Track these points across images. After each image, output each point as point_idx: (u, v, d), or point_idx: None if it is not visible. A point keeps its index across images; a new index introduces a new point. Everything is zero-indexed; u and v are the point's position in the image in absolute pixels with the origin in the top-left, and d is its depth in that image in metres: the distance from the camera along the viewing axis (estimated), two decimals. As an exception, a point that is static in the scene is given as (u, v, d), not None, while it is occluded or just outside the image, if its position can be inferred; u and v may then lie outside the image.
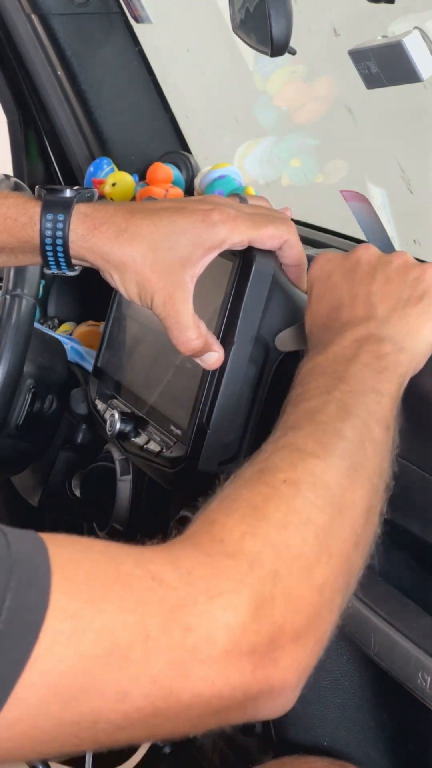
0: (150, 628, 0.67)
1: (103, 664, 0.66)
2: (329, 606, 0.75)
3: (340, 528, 0.77)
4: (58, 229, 1.02)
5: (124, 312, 1.31)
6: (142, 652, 0.67)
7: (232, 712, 0.72)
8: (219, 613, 0.69)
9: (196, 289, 1.01)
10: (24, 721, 0.65)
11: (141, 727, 0.69)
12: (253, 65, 2.26)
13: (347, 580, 0.78)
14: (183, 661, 0.68)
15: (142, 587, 0.69)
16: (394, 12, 1.31)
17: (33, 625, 0.65)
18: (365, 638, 0.94)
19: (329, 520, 0.76)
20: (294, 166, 2.20)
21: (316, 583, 0.74)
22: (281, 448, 0.81)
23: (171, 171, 1.70)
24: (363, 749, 1.11)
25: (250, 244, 1.03)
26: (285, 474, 0.78)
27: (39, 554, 0.68)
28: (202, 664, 0.68)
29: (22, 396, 1.41)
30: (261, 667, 0.71)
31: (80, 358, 1.58)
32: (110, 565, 0.70)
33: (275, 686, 0.72)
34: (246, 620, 0.70)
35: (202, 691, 0.69)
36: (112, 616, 0.67)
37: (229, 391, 1.06)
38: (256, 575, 0.71)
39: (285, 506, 0.76)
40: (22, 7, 1.72)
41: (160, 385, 1.19)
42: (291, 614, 0.72)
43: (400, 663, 0.90)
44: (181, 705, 0.69)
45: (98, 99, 1.76)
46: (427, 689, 0.87)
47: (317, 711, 1.11)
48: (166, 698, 0.68)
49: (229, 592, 0.70)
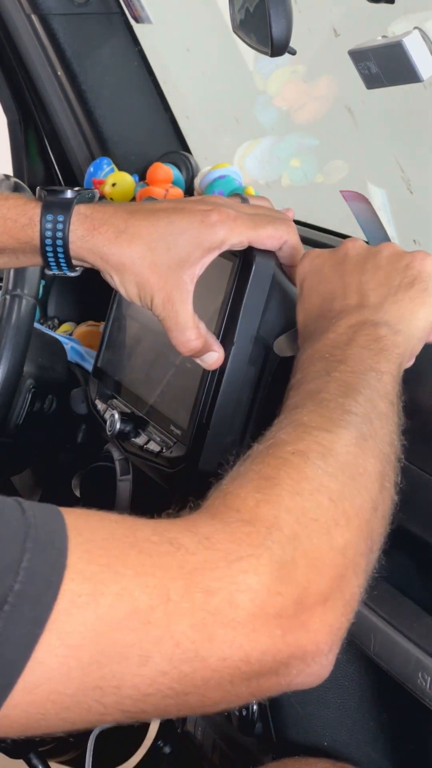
0: (171, 591, 0.67)
1: (123, 626, 0.66)
2: (353, 568, 0.75)
3: (355, 493, 0.77)
4: (58, 230, 1.02)
5: (124, 312, 1.31)
6: (163, 614, 0.67)
7: (264, 679, 0.71)
8: (240, 576, 0.69)
9: (196, 289, 1.01)
10: (45, 685, 0.65)
11: (168, 694, 0.68)
12: (253, 65, 2.26)
13: (369, 545, 0.77)
14: (206, 624, 0.68)
15: (161, 552, 0.69)
16: (394, 12, 1.31)
17: (51, 586, 0.65)
18: (365, 638, 0.94)
19: (342, 486, 0.76)
20: (294, 166, 2.19)
21: (337, 545, 0.74)
22: (286, 425, 0.81)
23: (171, 171, 1.70)
24: (363, 749, 1.11)
25: (249, 245, 1.03)
26: (293, 446, 0.78)
27: (55, 520, 0.68)
28: (227, 627, 0.68)
29: (22, 396, 1.41)
30: (290, 630, 0.70)
31: (80, 358, 1.58)
32: (127, 531, 0.70)
33: (307, 650, 0.72)
34: (268, 582, 0.69)
35: (229, 654, 0.68)
36: (131, 579, 0.67)
37: (229, 391, 1.06)
38: (274, 538, 0.71)
39: (296, 474, 0.76)
40: (22, 7, 1.72)
41: (160, 385, 1.19)
42: (314, 576, 0.72)
43: (400, 663, 0.90)
44: (208, 669, 0.68)
45: (98, 99, 1.76)
46: (427, 689, 0.87)
47: (317, 711, 1.11)
48: (191, 662, 0.68)
49: (249, 556, 0.70)
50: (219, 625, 0.68)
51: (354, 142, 2.16)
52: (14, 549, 0.65)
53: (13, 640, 0.63)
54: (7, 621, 0.63)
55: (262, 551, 0.70)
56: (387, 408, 0.84)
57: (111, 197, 1.69)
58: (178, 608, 0.67)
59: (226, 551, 0.70)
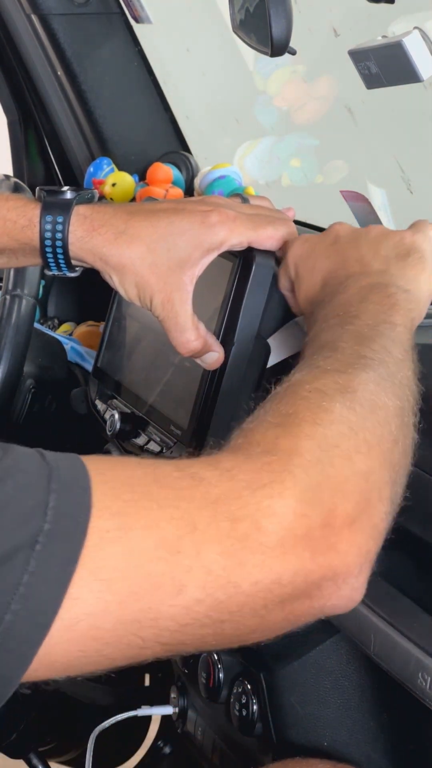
0: (197, 521, 0.68)
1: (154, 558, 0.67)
2: (378, 493, 0.76)
3: (374, 425, 0.78)
4: (58, 231, 1.02)
5: (124, 312, 1.31)
6: (191, 543, 0.68)
7: (298, 603, 0.72)
8: (265, 502, 0.70)
9: (197, 289, 1.01)
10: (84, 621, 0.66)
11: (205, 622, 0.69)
12: (253, 65, 2.26)
13: (392, 475, 0.78)
14: (235, 550, 0.69)
15: (183, 485, 0.70)
16: (394, 12, 1.31)
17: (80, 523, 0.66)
18: (365, 638, 0.94)
19: (361, 418, 0.77)
20: (294, 166, 2.20)
21: (359, 470, 0.75)
22: (303, 368, 0.82)
23: (171, 171, 1.70)
24: (363, 749, 1.11)
25: (249, 245, 1.03)
26: (310, 385, 0.79)
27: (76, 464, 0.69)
28: (256, 551, 0.69)
29: (22, 396, 1.41)
30: (319, 552, 0.71)
31: (80, 358, 1.58)
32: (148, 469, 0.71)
33: (338, 571, 0.72)
34: (294, 505, 0.70)
35: (261, 578, 0.69)
36: (156, 512, 0.68)
37: (229, 391, 1.06)
38: (296, 463, 0.72)
39: (316, 407, 0.77)
40: (22, 7, 1.72)
41: (160, 385, 1.19)
42: (340, 499, 0.73)
43: (400, 663, 0.90)
44: (242, 594, 0.69)
45: (98, 99, 1.76)
46: (427, 689, 0.87)
47: (317, 711, 1.11)
48: (225, 588, 0.68)
49: (272, 482, 0.71)
50: (248, 551, 0.69)
51: (354, 142, 2.16)
52: (40, 491, 0.66)
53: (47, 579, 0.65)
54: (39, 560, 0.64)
55: (285, 476, 0.71)
56: (402, 354, 0.85)
57: (111, 197, 1.69)
58: (205, 537, 0.68)
59: (248, 480, 0.71)
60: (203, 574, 0.68)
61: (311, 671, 1.10)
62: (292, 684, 1.11)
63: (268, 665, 1.11)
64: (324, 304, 0.92)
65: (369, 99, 1.96)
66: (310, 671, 1.10)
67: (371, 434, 0.77)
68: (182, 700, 1.31)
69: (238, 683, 1.14)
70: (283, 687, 1.11)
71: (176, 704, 1.31)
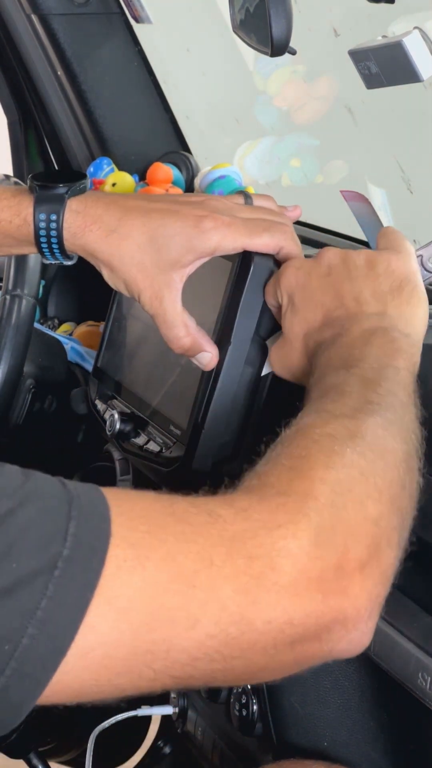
0: (213, 557, 0.69)
1: (169, 590, 0.67)
2: (387, 538, 0.76)
3: (384, 470, 0.78)
4: (52, 228, 1.03)
5: (124, 312, 1.31)
6: (207, 578, 0.68)
7: (307, 644, 0.73)
8: (280, 542, 0.70)
9: (195, 289, 1.01)
10: (98, 650, 0.66)
11: (216, 658, 0.69)
12: (253, 65, 2.27)
13: (400, 520, 0.79)
14: (250, 588, 0.69)
15: (200, 521, 0.70)
16: (394, 12, 1.31)
17: (98, 551, 0.66)
18: (365, 638, 0.94)
19: (371, 463, 0.78)
20: (294, 166, 2.20)
21: (371, 516, 0.75)
22: (311, 413, 0.83)
23: (171, 171, 1.70)
24: (363, 750, 1.11)
25: (245, 250, 1.03)
26: (320, 429, 0.79)
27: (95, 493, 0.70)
28: (270, 590, 0.70)
29: (22, 396, 1.41)
30: (331, 594, 0.72)
31: (80, 358, 1.58)
32: (165, 503, 0.72)
33: (348, 615, 0.73)
34: (308, 547, 0.71)
35: (274, 617, 0.70)
36: (173, 545, 0.68)
37: (225, 390, 1.06)
38: (311, 506, 0.73)
39: (328, 451, 0.77)
40: (22, 7, 1.72)
41: (160, 385, 1.19)
42: (352, 543, 0.73)
43: (400, 663, 0.90)
44: (254, 632, 0.70)
45: (98, 99, 1.76)
46: (427, 689, 0.87)
47: (317, 711, 1.11)
48: (238, 624, 0.69)
49: (288, 523, 0.71)
50: (262, 589, 0.69)
51: (354, 142, 2.16)
52: (61, 517, 0.67)
53: (65, 605, 0.65)
54: (58, 586, 0.65)
55: (300, 518, 0.72)
56: (407, 398, 0.86)
57: (111, 197, 1.69)
58: (221, 573, 0.69)
59: (264, 520, 0.71)
60: (217, 609, 0.69)
61: (311, 671, 1.10)
62: (292, 684, 1.11)
63: (268, 665, 1.11)
64: (327, 345, 0.92)
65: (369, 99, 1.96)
66: (310, 671, 1.10)
67: (381, 479, 0.78)
68: (182, 700, 1.31)
69: (238, 683, 1.14)
70: (283, 687, 1.11)
71: (176, 704, 1.31)
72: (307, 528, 0.72)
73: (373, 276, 0.95)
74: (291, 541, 0.71)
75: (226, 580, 0.69)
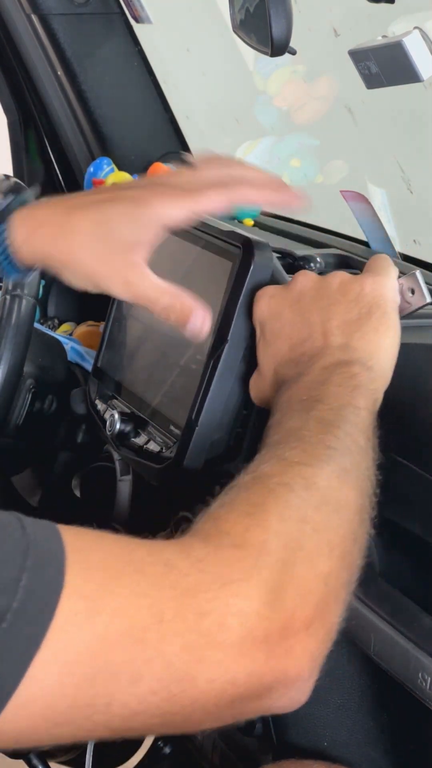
0: (164, 612, 0.68)
1: (117, 645, 0.67)
2: (335, 596, 0.76)
3: (338, 524, 0.78)
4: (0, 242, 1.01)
5: (124, 312, 1.31)
6: (156, 634, 0.68)
7: (247, 702, 0.73)
8: (231, 599, 0.70)
9: (195, 288, 1.01)
10: (39, 701, 0.66)
11: (156, 713, 0.69)
12: (253, 65, 2.27)
13: (348, 576, 0.79)
14: (197, 646, 0.69)
15: (156, 572, 0.70)
16: (394, 12, 1.31)
17: (48, 604, 0.66)
18: (365, 638, 0.94)
19: (326, 517, 0.78)
20: (294, 166, 2.20)
21: (321, 574, 0.75)
22: (269, 459, 0.82)
23: (171, 171, 1.70)
24: (363, 750, 1.11)
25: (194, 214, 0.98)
26: (277, 478, 0.79)
27: (54, 539, 0.69)
28: (217, 649, 0.69)
29: (22, 396, 1.41)
30: (275, 655, 0.71)
31: (80, 358, 1.58)
32: (123, 551, 0.71)
33: (290, 676, 0.73)
34: (258, 607, 0.71)
35: (217, 676, 0.70)
36: (126, 599, 0.68)
37: (219, 388, 1.06)
38: (264, 563, 0.73)
39: (283, 502, 0.77)
40: (22, 7, 1.72)
41: (160, 385, 1.19)
42: (300, 602, 0.73)
43: (400, 663, 0.90)
44: (195, 690, 0.69)
45: (98, 99, 1.76)
46: (427, 689, 0.87)
47: (317, 711, 1.11)
48: (181, 682, 0.68)
49: (240, 580, 0.71)
50: (209, 648, 0.69)
51: (354, 142, 2.17)
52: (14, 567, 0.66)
53: (9, 658, 0.64)
54: (4, 638, 0.64)
55: (253, 574, 0.72)
56: (365, 443, 0.85)
57: (111, 197, 1.69)
58: (170, 629, 0.68)
59: (218, 574, 0.71)
60: (162, 666, 0.68)
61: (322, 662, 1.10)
62: (292, 684, 1.11)
63: (268, 665, 1.11)
64: (290, 384, 0.92)
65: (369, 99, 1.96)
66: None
67: (334, 534, 0.78)
68: (182, 700, 1.31)
69: (238, 683, 1.14)
70: (283, 687, 1.11)
71: (176, 704, 1.31)
72: (259, 586, 0.71)
73: (344, 302, 0.94)
74: (242, 600, 0.70)
75: (174, 637, 0.68)
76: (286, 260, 1.34)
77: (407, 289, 0.96)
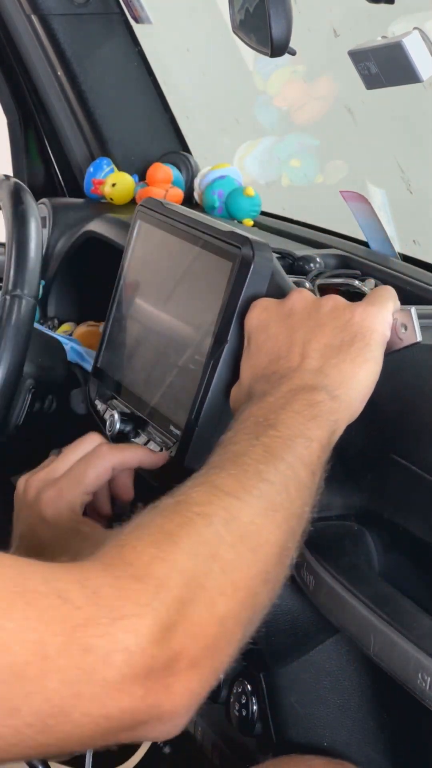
0: (49, 648, 0.68)
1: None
2: (228, 638, 0.76)
3: (249, 564, 0.78)
4: None
5: (124, 312, 1.31)
6: (38, 670, 0.67)
7: (119, 733, 0.73)
8: (120, 635, 0.70)
9: (195, 288, 1.01)
10: None
11: (32, 744, 0.69)
12: (253, 65, 2.27)
13: (251, 615, 0.78)
14: (77, 681, 0.68)
15: (47, 605, 0.69)
16: (393, 12, 1.31)
17: None
18: (365, 638, 0.94)
19: (237, 556, 0.77)
20: (294, 166, 2.20)
21: (218, 615, 0.75)
22: (200, 484, 0.82)
23: (171, 171, 1.70)
24: (363, 749, 1.11)
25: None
26: (200, 507, 0.78)
27: None
28: (95, 684, 0.69)
29: (22, 396, 1.41)
30: (153, 692, 0.71)
31: (80, 358, 1.58)
32: (17, 579, 0.70)
33: (164, 712, 0.73)
34: (146, 644, 0.70)
35: (93, 711, 0.69)
36: (12, 634, 0.67)
37: (219, 388, 1.06)
38: (161, 600, 0.72)
39: (196, 536, 0.76)
40: (22, 8, 1.73)
41: (160, 385, 1.19)
42: (189, 642, 0.73)
43: (400, 663, 0.90)
44: (70, 724, 0.69)
45: (98, 99, 1.76)
46: (427, 690, 0.87)
47: (317, 711, 1.11)
48: (56, 716, 0.68)
49: (133, 616, 0.70)
50: (89, 684, 0.69)
51: (354, 142, 2.17)
52: None
53: None
54: None
55: (147, 611, 0.71)
56: (307, 478, 0.84)
57: (111, 197, 1.69)
58: (53, 665, 0.68)
59: (111, 608, 0.70)
60: (41, 701, 0.68)
61: (311, 671, 1.10)
62: (292, 684, 1.11)
63: (268, 665, 1.11)
64: (254, 401, 0.91)
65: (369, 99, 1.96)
66: (309, 671, 1.10)
67: (242, 575, 0.77)
68: (182, 700, 1.31)
69: (238, 683, 1.14)
70: (283, 687, 1.11)
71: (176, 704, 1.31)
72: (151, 624, 0.71)
73: (331, 327, 0.93)
74: (131, 636, 0.70)
75: (56, 673, 0.68)
76: (286, 260, 1.34)
77: (400, 324, 0.93)
